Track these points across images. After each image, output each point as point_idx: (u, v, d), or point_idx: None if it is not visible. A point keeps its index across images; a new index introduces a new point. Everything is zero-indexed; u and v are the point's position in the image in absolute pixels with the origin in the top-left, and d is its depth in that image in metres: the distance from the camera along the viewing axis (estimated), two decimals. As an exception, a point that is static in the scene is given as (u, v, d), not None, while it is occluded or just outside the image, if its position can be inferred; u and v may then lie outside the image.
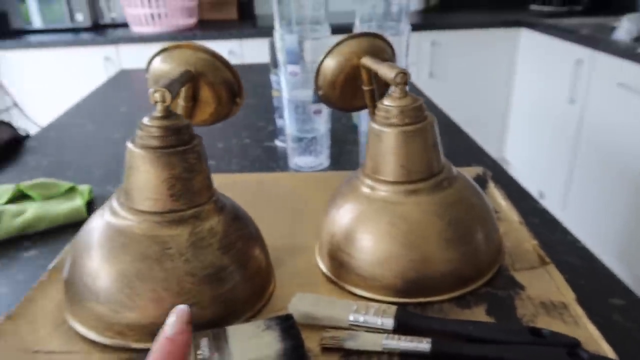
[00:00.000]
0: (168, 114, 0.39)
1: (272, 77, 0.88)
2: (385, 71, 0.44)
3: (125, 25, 2.21)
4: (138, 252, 0.37)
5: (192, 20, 2.19)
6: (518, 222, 0.52)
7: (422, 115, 0.42)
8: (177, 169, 0.38)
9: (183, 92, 0.48)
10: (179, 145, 0.38)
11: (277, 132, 0.92)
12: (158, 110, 0.38)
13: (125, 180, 0.39)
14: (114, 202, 0.40)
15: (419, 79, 2.17)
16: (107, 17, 2.26)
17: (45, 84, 2.09)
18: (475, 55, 2.20)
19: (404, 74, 0.42)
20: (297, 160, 0.80)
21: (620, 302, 0.43)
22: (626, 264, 1.69)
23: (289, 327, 0.34)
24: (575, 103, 1.84)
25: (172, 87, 0.40)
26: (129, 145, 0.38)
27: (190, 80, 0.47)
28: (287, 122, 0.79)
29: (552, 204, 2.11)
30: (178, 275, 0.36)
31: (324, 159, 0.81)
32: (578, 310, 0.39)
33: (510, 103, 2.32)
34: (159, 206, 0.38)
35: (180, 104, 0.49)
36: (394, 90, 0.43)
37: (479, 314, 0.40)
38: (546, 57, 2.03)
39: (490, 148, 2.60)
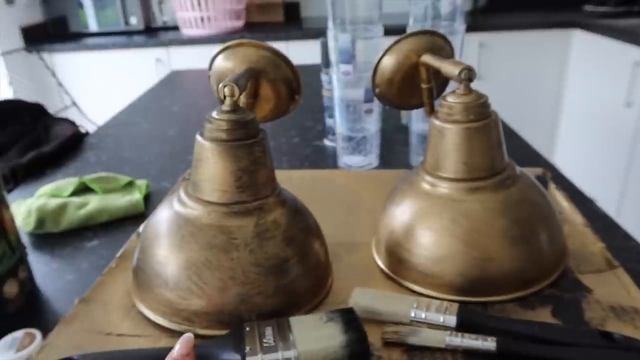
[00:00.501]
0: (236, 108, 0.40)
1: (323, 77, 0.89)
2: (449, 68, 0.43)
3: (175, 28, 2.28)
4: (205, 241, 0.38)
5: (239, 23, 2.24)
6: (582, 224, 0.50)
7: (486, 112, 0.42)
8: (244, 161, 0.39)
9: (246, 88, 0.50)
10: (246, 139, 0.39)
11: (325, 132, 0.93)
12: (226, 104, 0.39)
13: (193, 171, 0.41)
14: (181, 193, 0.41)
15: (465, 81, 2.13)
16: (159, 20, 2.33)
17: (101, 85, 2.18)
18: (524, 58, 2.14)
19: (469, 70, 0.41)
20: (346, 159, 0.80)
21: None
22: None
23: (351, 319, 0.34)
24: (633, 106, 1.77)
25: (240, 82, 0.41)
26: (198, 138, 0.40)
27: (253, 77, 0.48)
28: (338, 121, 0.79)
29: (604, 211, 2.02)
30: (243, 264, 0.37)
31: (373, 159, 0.81)
32: (651, 316, 0.38)
33: (561, 107, 2.24)
34: (226, 197, 0.39)
35: (242, 101, 0.50)
36: (458, 86, 0.42)
37: (544, 315, 0.39)
38: (601, 60, 1.96)
39: (539, 152, 2.49)
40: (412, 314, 0.37)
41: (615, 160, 1.89)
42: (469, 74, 0.41)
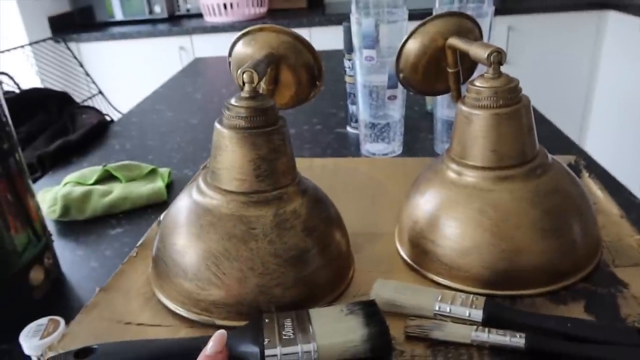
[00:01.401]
0: (255, 94, 0.39)
1: (346, 63, 0.87)
2: (478, 51, 0.41)
3: (199, 15, 2.28)
4: (225, 231, 0.37)
5: (262, 10, 2.22)
6: (618, 216, 0.48)
7: (517, 97, 0.40)
8: (263, 149, 0.38)
9: (266, 74, 0.48)
10: (266, 126, 0.38)
11: (348, 119, 0.91)
12: (245, 91, 0.38)
13: (212, 160, 0.40)
14: (200, 182, 0.41)
15: (493, 66, 2.07)
16: (183, 8, 2.34)
17: (126, 73, 2.20)
18: (555, 41, 2.07)
19: (499, 52, 0.39)
20: (369, 147, 0.79)
21: None
22: None
23: (373, 312, 0.33)
24: (670, 91, 1.69)
25: (259, 67, 0.40)
26: (217, 125, 0.39)
27: (273, 63, 0.47)
28: (361, 108, 0.78)
29: (638, 201, 1.95)
30: (262, 255, 0.36)
31: (396, 146, 0.80)
32: (693, 313, 0.35)
33: (593, 93, 2.17)
34: (245, 186, 0.38)
35: (262, 87, 0.49)
36: (487, 70, 0.40)
37: (576, 310, 0.37)
38: (637, 42, 1.87)
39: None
40: (437, 307, 0.36)
41: (650, 147, 1.82)
42: (498, 57, 0.39)
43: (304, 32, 2.08)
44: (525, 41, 2.07)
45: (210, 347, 0.31)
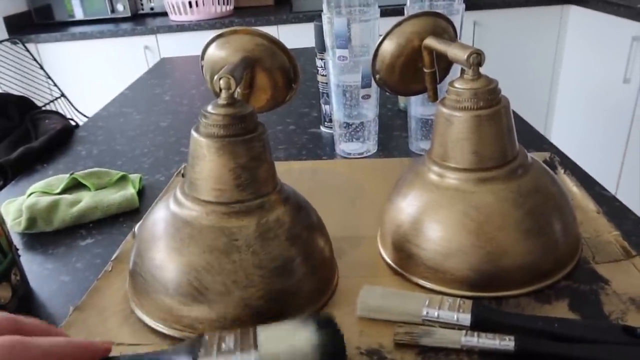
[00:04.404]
0: (233, 101, 0.37)
1: (318, 62, 0.86)
2: (456, 52, 0.41)
3: (164, 14, 2.23)
4: (206, 244, 0.36)
5: (228, 8, 2.18)
6: (595, 211, 0.49)
7: (496, 98, 0.40)
8: (243, 157, 0.37)
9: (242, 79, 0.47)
10: (245, 134, 0.37)
11: (322, 118, 0.90)
12: (222, 98, 0.37)
13: (189, 169, 0.38)
14: (178, 193, 0.39)
15: (460, 61, 2.10)
16: (147, 6, 2.28)
17: (89, 75, 2.13)
18: (520, 35, 2.11)
19: (478, 54, 0.39)
20: (343, 146, 0.78)
21: None
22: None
23: (326, 319, 0.31)
24: (631, 82, 1.75)
25: (236, 73, 0.39)
26: (194, 134, 0.37)
27: (248, 67, 0.46)
28: (335, 107, 0.77)
29: (602, 190, 2.02)
30: (246, 267, 0.35)
31: (371, 146, 0.79)
32: (673, 307, 0.36)
33: (557, 84, 2.22)
34: (225, 197, 0.37)
35: (238, 92, 0.48)
36: (466, 71, 0.40)
37: (560, 309, 0.37)
38: (598, 35, 1.93)
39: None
40: (425, 313, 0.36)
41: (613, 137, 1.88)
42: (478, 58, 0.39)
43: (271, 30, 2.06)
44: (490, 36, 2.10)
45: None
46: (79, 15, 2.23)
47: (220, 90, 0.37)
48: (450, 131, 0.40)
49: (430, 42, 0.47)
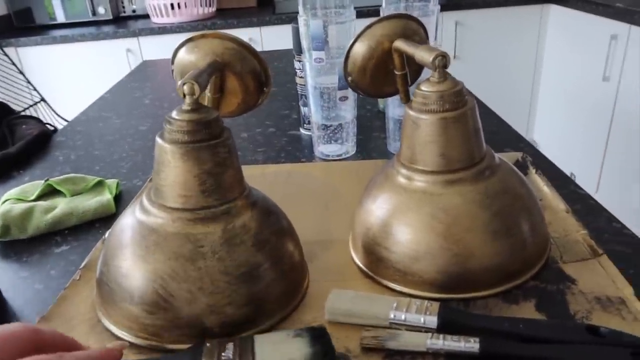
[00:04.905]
0: (197, 106, 0.37)
1: (296, 64, 0.86)
2: (423, 54, 0.41)
3: (146, 16, 2.21)
4: (171, 251, 0.35)
5: (211, 9, 2.17)
6: (564, 211, 0.49)
7: (462, 100, 0.40)
8: (208, 163, 0.36)
9: (210, 83, 0.47)
10: (210, 139, 0.37)
11: (301, 120, 0.90)
12: (187, 104, 0.37)
13: (155, 176, 0.38)
14: (144, 200, 0.39)
15: (443, 61, 2.11)
16: (128, 9, 2.26)
17: (70, 78, 2.11)
18: (501, 35, 2.13)
19: (444, 56, 0.39)
20: (322, 148, 0.78)
21: (676, 292, 0.40)
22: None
23: (320, 334, 0.32)
24: (610, 80, 1.77)
25: (201, 78, 0.38)
26: (158, 140, 0.37)
27: (217, 71, 0.46)
28: (312, 110, 0.77)
29: (584, 186, 2.04)
30: (212, 274, 0.35)
31: (350, 147, 0.79)
32: (637, 306, 0.37)
33: (539, 82, 2.25)
34: (190, 203, 0.36)
35: (207, 96, 0.48)
36: (432, 74, 0.40)
37: (527, 309, 0.37)
38: (578, 34, 1.95)
39: (518, 128, 2.52)
40: (392, 316, 0.36)
41: (594, 134, 1.90)
42: (443, 61, 0.39)
43: (254, 32, 2.05)
44: (472, 35, 2.12)
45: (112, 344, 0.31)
46: (60, 18, 2.20)
47: (185, 95, 0.36)
48: (418, 134, 0.40)
49: (399, 44, 0.47)
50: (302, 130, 0.91)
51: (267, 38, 2.05)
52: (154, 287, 0.35)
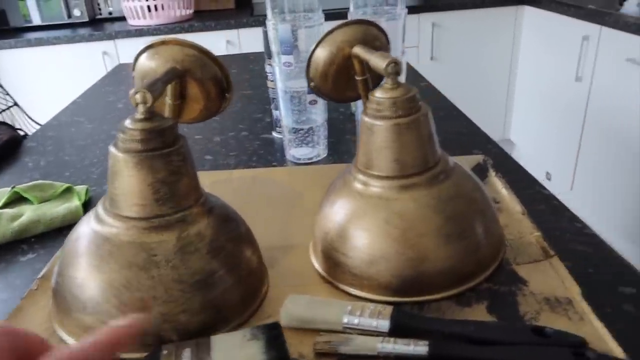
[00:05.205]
0: (150, 115, 0.37)
1: (267, 68, 0.86)
2: (377, 61, 0.42)
3: (122, 19, 2.19)
4: (124, 260, 0.35)
5: (189, 11, 2.16)
6: (520, 213, 0.50)
7: (415, 106, 0.41)
8: (162, 172, 0.36)
9: (170, 89, 0.47)
10: (163, 148, 0.37)
11: (273, 124, 0.91)
12: (140, 112, 0.37)
13: (109, 185, 0.38)
14: (99, 209, 0.39)
15: (420, 62, 2.13)
16: (105, 11, 2.24)
17: (45, 82, 2.08)
18: (477, 36, 2.16)
19: (396, 63, 0.40)
20: (294, 152, 0.79)
21: (631, 290, 0.42)
22: (638, 246, 1.66)
23: (274, 336, 0.33)
24: (582, 80, 1.80)
25: (155, 87, 0.38)
26: (112, 149, 0.37)
27: (176, 78, 0.46)
28: (283, 113, 0.77)
29: (559, 185, 2.08)
30: (165, 282, 0.35)
31: (321, 150, 0.80)
32: (584, 306, 0.38)
33: (515, 83, 2.28)
34: (144, 212, 0.37)
35: (168, 102, 0.48)
36: (385, 80, 0.41)
37: (479, 312, 0.38)
38: (551, 35, 1.99)
39: (495, 129, 2.56)
40: (345, 320, 0.36)
41: (568, 133, 1.93)
42: (395, 68, 0.40)
43: (232, 34, 2.05)
44: (449, 37, 2.14)
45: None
46: (35, 20, 2.17)
47: (137, 104, 0.36)
48: (373, 140, 0.41)
49: (357, 50, 0.48)
50: (274, 134, 0.91)
51: (245, 40, 2.05)
52: (107, 297, 0.35)
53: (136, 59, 0.49)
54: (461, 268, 0.40)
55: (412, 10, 2.07)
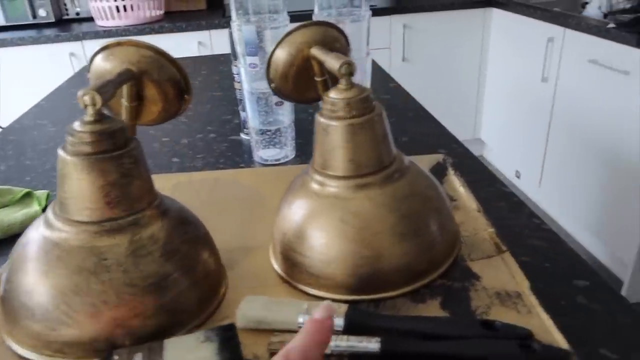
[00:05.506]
0: (100, 117, 0.37)
1: (234, 69, 0.86)
2: (332, 62, 0.42)
3: (90, 19, 2.16)
4: (74, 265, 0.35)
5: (159, 12, 2.14)
6: (476, 210, 0.51)
7: (369, 107, 0.41)
8: (113, 175, 0.36)
9: (125, 91, 0.47)
10: (114, 150, 0.36)
11: (242, 125, 0.90)
12: (89, 114, 0.36)
13: (58, 189, 0.37)
14: (49, 214, 0.38)
15: (392, 63, 2.15)
16: (72, 11, 2.19)
17: (10, 85, 2.03)
18: (448, 37, 2.19)
19: (349, 64, 0.40)
20: (261, 153, 0.78)
21: (584, 283, 0.43)
22: (603, 241, 1.71)
23: (228, 338, 0.33)
24: (548, 81, 1.85)
25: (105, 88, 0.38)
26: (60, 152, 0.37)
27: (130, 79, 0.45)
28: (250, 115, 0.77)
29: (528, 182, 2.13)
30: (116, 286, 0.35)
31: (289, 151, 0.80)
32: (532, 299, 0.39)
33: (485, 83, 2.32)
34: (95, 215, 0.36)
35: (124, 104, 0.47)
36: (340, 81, 0.41)
37: (433, 308, 0.39)
38: (518, 36, 2.03)
39: (466, 129, 2.60)
40: (301, 320, 0.36)
41: (535, 132, 1.98)
42: (349, 69, 0.40)
43: (203, 35, 2.03)
44: (420, 38, 2.17)
45: (318, 314, 0.28)
46: (0, 21, 2.12)
47: (86, 106, 0.36)
48: (328, 140, 0.41)
49: (314, 52, 0.48)
50: (242, 135, 0.90)
51: (217, 41, 2.04)
52: (55, 303, 0.34)
53: (91, 60, 0.49)
54: (416, 265, 0.41)
55: (383, 12, 2.09)
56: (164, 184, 0.60)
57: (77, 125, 0.36)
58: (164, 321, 0.36)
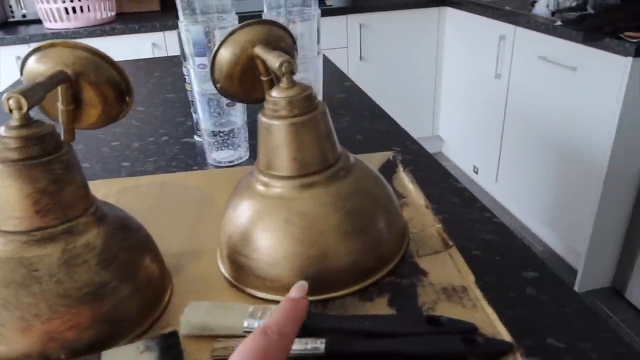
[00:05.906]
0: (27, 122, 0.35)
1: (184, 70, 0.84)
2: (273, 61, 0.41)
3: (38, 21, 2.08)
4: (2, 277, 0.33)
5: (110, 14, 2.08)
6: (424, 206, 0.52)
7: (312, 105, 0.41)
8: (42, 182, 0.34)
9: (60, 94, 0.45)
10: (42, 156, 0.34)
11: (195, 127, 0.89)
12: (14, 119, 0.35)
13: (-16, 198, 0.35)
14: (-25, 224, 0.36)
15: (350, 62, 2.16)
16: (18, 13, 2.10)
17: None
18: (404, 36, 2.22)
19: (289, 63, 0.40)
20: (214, 155, 0.77)
21: (533, 274, 0.44)
22: (558, 232, 1.77)
23: (170, 346, 0.32)
24: (501, 78, 1.90)
25: (33, 91, 0.36)
26: (-16, 159, 0.34)
27: (64, 82, 0.43)
28: (201, 116, 0.76)
29: (485, 178, 2.18)
30: (48, 298, 0.33)
31: (243, 153, 0.79)
32: (477, 293, 0.39)
33: (441, 81, 2.36)
34: (24, 225, 0.34)
35: (60, 108, 0.45)
36: (281, 80, 0.41)
37: (380, 306, 0.39)
38: (472, 35, 2.08)
39: (424, 126, 2.63)
40: (245, 324, 0.36)
41: (491, 128, 2.03)
42: (289, 67, 0.40)
43: (157, 37, 1.99)
44: (377, 37, 2.19)
45: (293, 293, 0.31)
46: (-62, 24, 2.02)
47: (11, 110, 0.34)
48: (271, 140, 0.40)
49: (257, 51, 0.47)
50: (196, 138, 0.89)
51: (172, 43, 2.00)
52: (-18, 319, 0.32)
53: (23, 62, 0.47)
54: (363, 263, 0.41)
55: (339, 11, 2.10)
56: (109, 189, 0.58)
57: (1, 130, 0.34)
58: (103, 332, 0.35)
